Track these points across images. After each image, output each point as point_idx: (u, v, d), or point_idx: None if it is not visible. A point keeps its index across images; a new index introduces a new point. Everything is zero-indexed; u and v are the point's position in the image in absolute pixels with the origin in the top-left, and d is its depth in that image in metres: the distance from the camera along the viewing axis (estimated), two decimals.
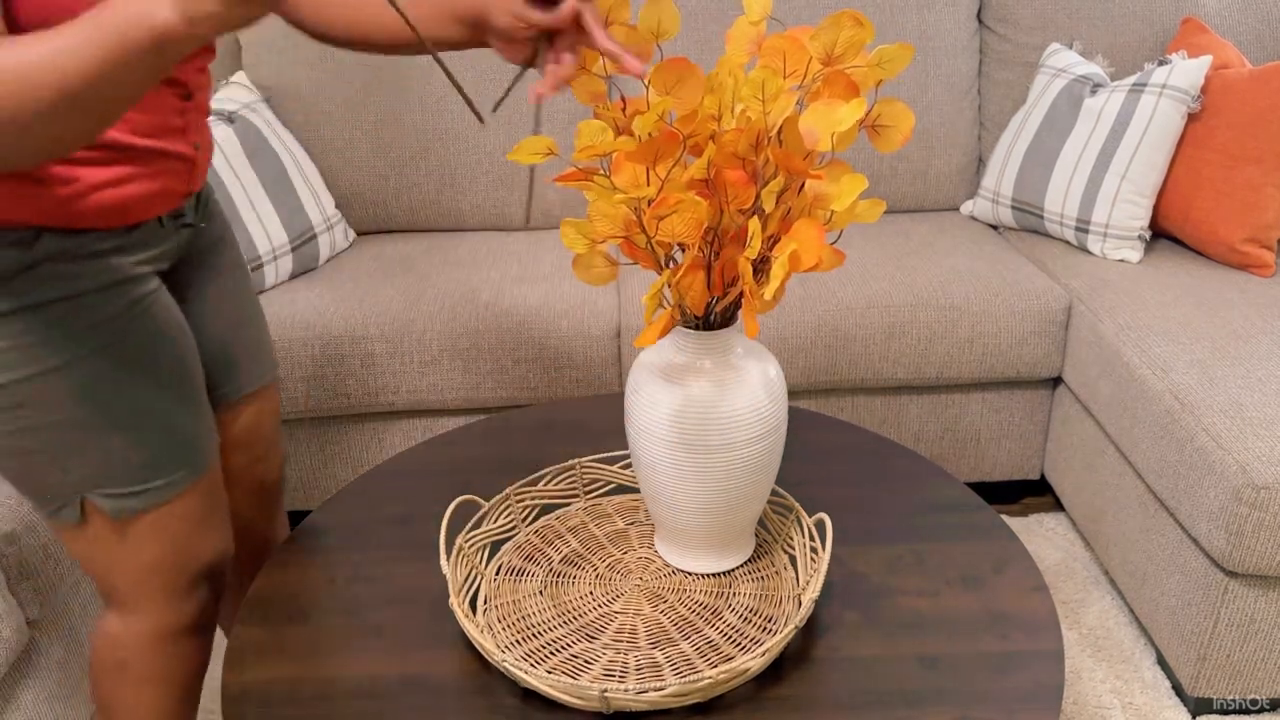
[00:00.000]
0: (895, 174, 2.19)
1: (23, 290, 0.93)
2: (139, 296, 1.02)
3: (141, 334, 1.01)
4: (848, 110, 0.85)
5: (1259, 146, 1.77)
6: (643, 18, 0.93)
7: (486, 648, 0.93)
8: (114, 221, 0.99)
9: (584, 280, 0.99)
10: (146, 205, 1.02)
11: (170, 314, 1.07)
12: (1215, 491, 1.37)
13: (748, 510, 1.05)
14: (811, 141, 0.86)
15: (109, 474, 1.01)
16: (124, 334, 0.99)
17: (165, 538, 1.07)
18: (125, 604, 1.11)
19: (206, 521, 1.11)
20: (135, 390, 1.01)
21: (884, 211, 2.23)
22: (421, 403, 1.84)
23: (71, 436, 0.98)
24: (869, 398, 1.90)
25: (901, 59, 0.87)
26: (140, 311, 1.02)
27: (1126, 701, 1.56)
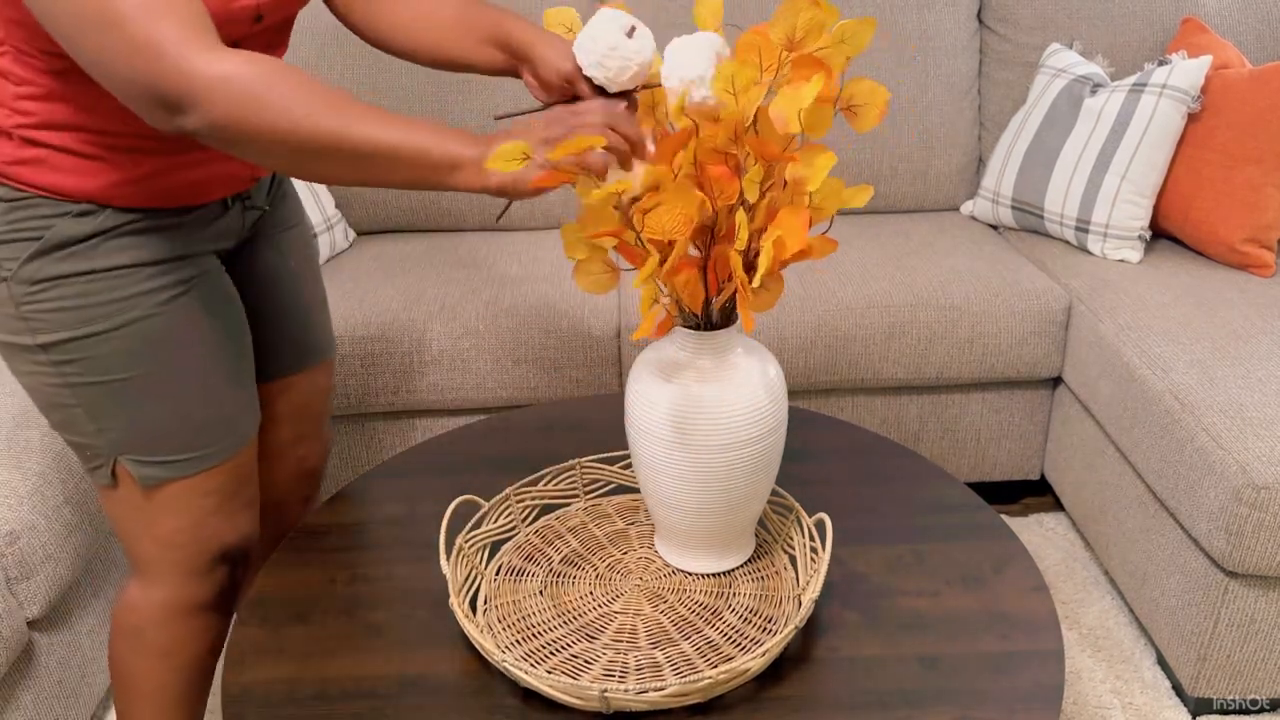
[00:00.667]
0: (895, 174, 2.19)
1: (81, 257, 1.00)
2: (192, 274, 1.07)
3: (190, 310, 1.06)
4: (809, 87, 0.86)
5: (1259, 146, 1.77)
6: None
7: (486, 648, 0.93)
8: (175, 202, 1.04)
9: (586, 288, 0.99)
10: (209, 189, 1.07)
11: (223, 295, 1.11)
12: (1215, 491, 1.37)
13: (748, 510, 1.05)
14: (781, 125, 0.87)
15: (141, 440, 1.06)
16: (172, 308, 1.05)
17: (187, 512, 1.11)
18: (146, 573, 1.15)
19: (232, 503, 1.14)
20: (177, 363, 1.06)
21: (884, 212, 2.24)
22: (421, 403, 1.84)
23: (110, 399, 1.04)
24: (869, 398, 1.90)
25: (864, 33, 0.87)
26: (192, 288, 1.07)
27: (1126, 701, 1.56)
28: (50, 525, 1.37)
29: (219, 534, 1.14)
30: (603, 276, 0.99)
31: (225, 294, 1.12)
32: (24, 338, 1.01)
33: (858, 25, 0.87)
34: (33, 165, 0.97)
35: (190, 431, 1.08)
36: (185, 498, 1.10)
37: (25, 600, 1.33)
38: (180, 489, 1.10)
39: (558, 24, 1.01)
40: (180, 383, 1.06)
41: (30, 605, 1.34)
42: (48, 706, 1.39)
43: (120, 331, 1.02)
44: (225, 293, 1.12)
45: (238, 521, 1.16)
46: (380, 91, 2.11)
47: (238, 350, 1.13)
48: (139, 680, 1.20)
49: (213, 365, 1.09)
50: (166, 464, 1.08)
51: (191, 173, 1.05)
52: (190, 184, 1.05)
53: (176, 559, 1.13)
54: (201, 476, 1.10)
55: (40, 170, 0.98)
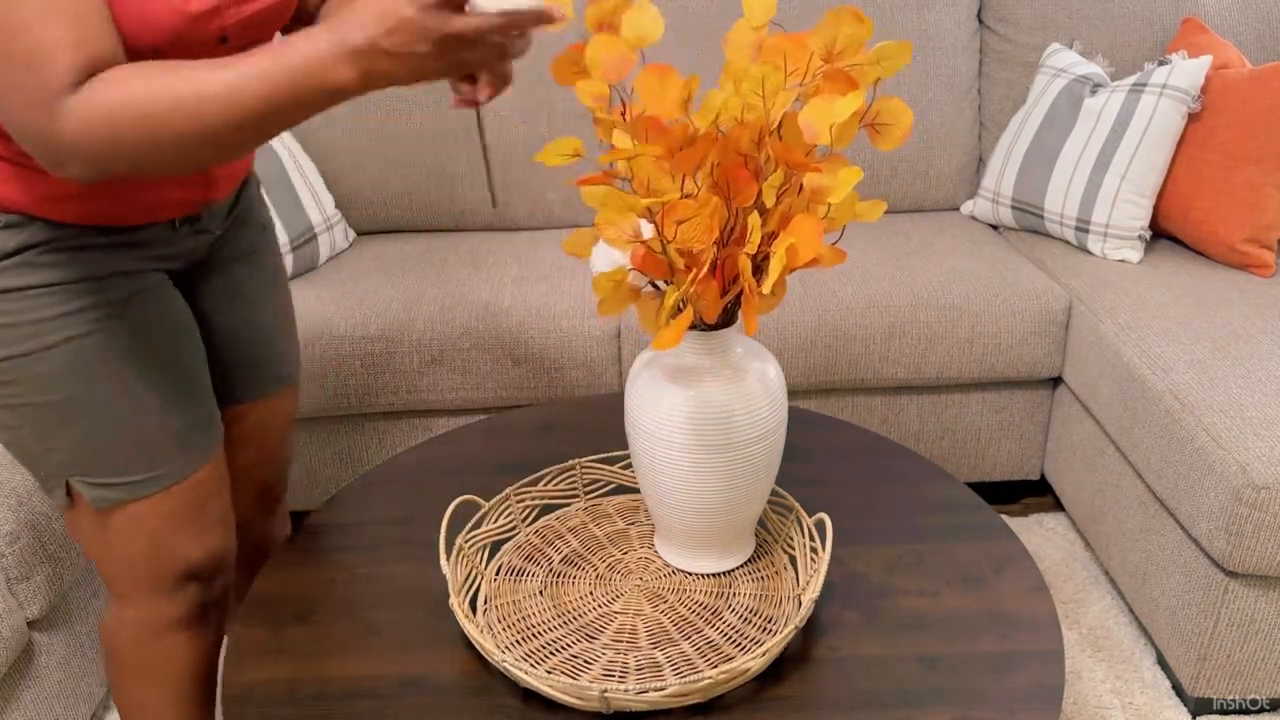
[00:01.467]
0: (895, 174, 2.19)
1: (10, 273, 0.95)
2: (135, 290, 1.02)
3: (130, 326, 1.01)
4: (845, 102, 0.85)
5: (1259, 146, 1.77)
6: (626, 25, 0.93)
7: (486, 648, 0.93)
8: (113, 221, 0.99)
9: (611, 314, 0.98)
10: (153, 211, 1.02)
11: (170, 311, 1.06)
12: (1215, 491, 1.37)
13: (748, 510, 1.05)
14: (811, 135, 0.86)
15: (90, 461, 1.02)
16: (110, 324, 0.99)
17: (144, 533, 1.07)
18: (116, 592, 1.12)
19: (194, 522, 1.09)
20: (118, 381, 1.01)
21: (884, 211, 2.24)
22: (421, 403, 1.84)
23: (55, 418, 1.00)
24: (869, 398, 1.90)
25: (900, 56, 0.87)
26: (136, 305, 1.02)
27: (1126, 701, 1.56)
28: (50, 525, 1.37)
29: (183, 553, 1.10)
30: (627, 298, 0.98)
31: (170, 309, 1.06)
32: None
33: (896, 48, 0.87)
34: None
35: (139, 451, 1.03)
36: (141, 519, 1.06)
37: (25, 600, 1.34)
38: (136, 511, 1.05)
39: None
40: (124, 401, 1.01)
41: (30, 605, 1.34)
42: (48, 706, 1.39)
43: (56, 350, 0.97)
44: (170, 308, 1.06)
45: (205, 540, 1.11)
46: (374, 101, 2.11)
47: (187, 367, 1.07)
48: (129, 698, 1.18)
49: (158, 383, 1.04)
50: (118, 485, 1.03)
51: (135, 196, 0.99)
52: (131, 205, 1.00)
53: (140, 579, 1.10)
54: (157, 497, 1.05)
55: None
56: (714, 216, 0.88)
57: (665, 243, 0.90)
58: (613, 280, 0.91)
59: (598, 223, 0.91)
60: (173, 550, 1.09)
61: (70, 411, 1.00)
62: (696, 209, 0.86)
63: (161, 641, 1.14)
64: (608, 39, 0.93)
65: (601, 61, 0.93)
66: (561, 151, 0.85)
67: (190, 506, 1.09)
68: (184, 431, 1.07)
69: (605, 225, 0.91)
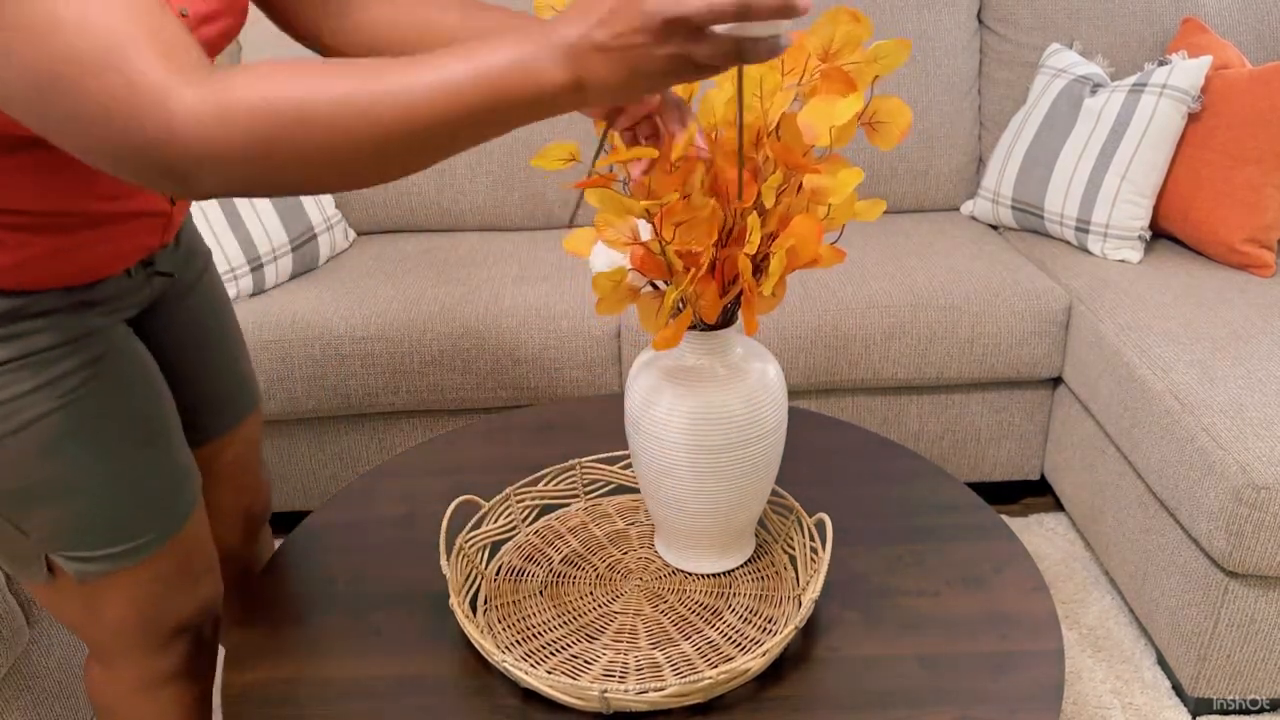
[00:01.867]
0: (895, 174, 2.19)
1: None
2: (101, 352, 0.93)
3: (105, 391, 0.93)
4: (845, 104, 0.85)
5: (1259, 146, 1.77)
6: None
7: (486, 648, 0.93)
8: (76, 280, 0.91)
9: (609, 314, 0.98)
10: (112, 263, 0.94)
11: (137, 365, 0.98)
12: (1215, 491, 1.37)
13: (748, 510, 1.05)
14: (810, 136, 0.86)
15: (72, 537, 0.94)
16: (85, 393, 0.91)
17: (135, 599, 1.00)
18: (103, 657, 1.06)
19: (184, 577, 1.04)
20: (99, 450, 0.93)
21: (884, 211, 2.24)
22: (421, 403, 1.84)
23: (26, 503, 0.91)
24: (869, 398, 1.90)
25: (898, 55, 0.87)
26: (103, 368, 0.93)
27: (1126, 701, 1.56)
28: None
29: (174, 610, 1.04)
30: (626, 297, 0.97)
31: (139, 361, 0.98)
32: None
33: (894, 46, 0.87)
34: None
35: (123, 521, 0.96)
36: (129, 587, 0.99)
37: (25, 600, 1.33)
38: (122, 579, 0.98)
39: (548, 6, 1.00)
40: (105, 471, 0.93)
41: (30, 605, 1.34)
42: (48, 706, 1.39)
43: (23, 434, 0.88)
44: (139, 360, 0.98)
45: (195, 591, 1.06)
46: None
47: (164, 419, 1.00)
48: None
49: (138, 443, 0.96)
50: (105, 558, 0.96)
51: (99, 248, 0.91)
52: (94, 260, 0.91)
53: (132, 642, 1.03)
54: (144, 563, 0.98)
55: None
56: (712, 219, 0.88)
57: (663, 245, 0.90)
58: (612, 280, 0.91)
59: (596, 224, 0.91)
60: (164, 610, 1.03)
61: (46, 493, 0.91)
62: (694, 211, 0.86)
63: (159, 694, 1.09)
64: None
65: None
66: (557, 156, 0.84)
67: (179, 563, 1.02)
68: (169, 490, 1.00)
69: (604, 226, 0.91)
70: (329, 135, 0.65)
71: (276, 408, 1.83)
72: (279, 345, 1.79)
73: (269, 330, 1.79)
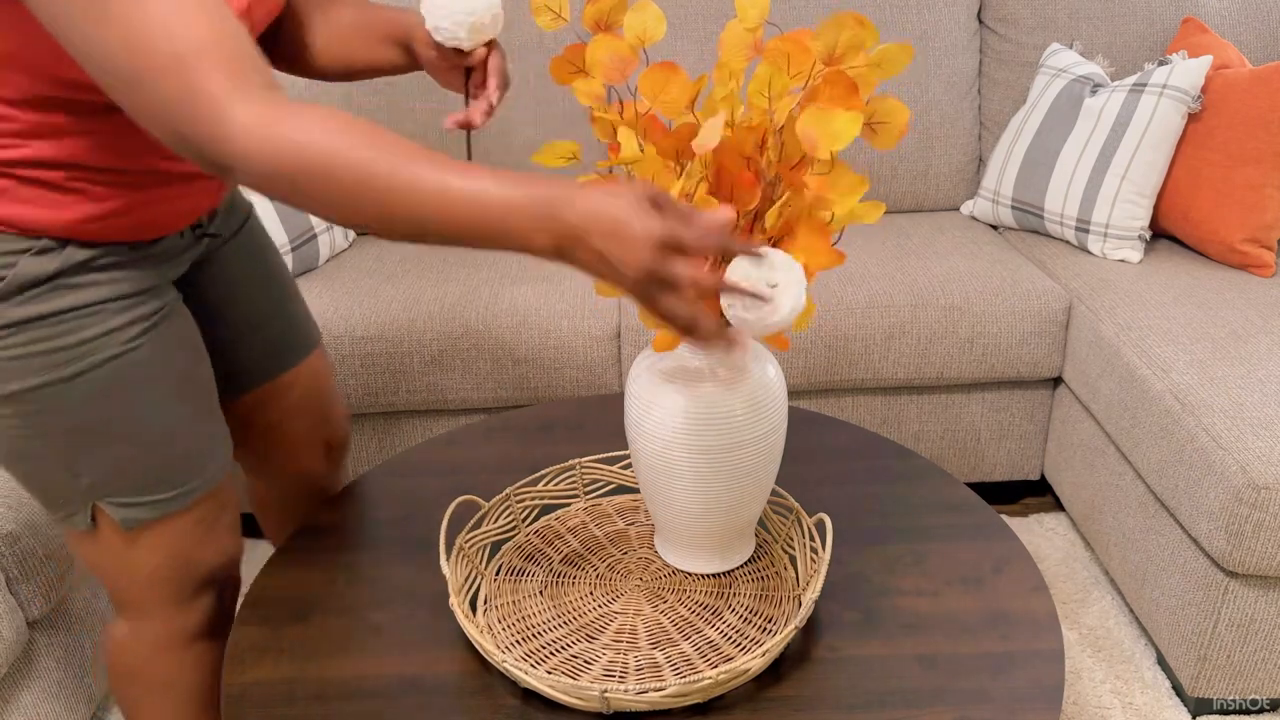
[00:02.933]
0: (895, 174, 2.19)
1: (44, 299, 0.93)
2: (158, 308, 1.02)
3: (158, 345, 1.01)
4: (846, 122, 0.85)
5: (1259, 146, 1.77)
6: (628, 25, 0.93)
7: (486, 648, 0.93)
8: (141, 236, 1.00)
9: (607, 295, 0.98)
10: (176, 221, 1.04)
11: (185, 327, 1.06)
12: (1215, 491, 1.37)
13: (748, 510, 1.05)
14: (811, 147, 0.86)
15: (119, 482, 1.01)
16: (143, 344, 1.00)
17: (172, 546, 1.07)
18: (133, 610, 1.11)
19: (214, 529, 1.11)
20: (150, 400, 1.01)
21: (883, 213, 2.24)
22: (421, 402, 1.84)
23: (84, 443, 0.99)
24: (869, 398, 1.90)
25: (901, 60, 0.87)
26: (159, 324, 1.02)
27: (1126, 701, 1.56)
28: (50, 525, 1.37)
29: (204, 560, 1.11)
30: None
31: (188, 326, 1.07)
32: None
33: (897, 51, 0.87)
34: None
35: (171, 468, 1.04)
36: (169, 534, 1.06)
37: (25, 600, 1.34)
38: (164, 527, 1.06)
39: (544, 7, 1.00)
40: (155, 419, 1.01)
41: (30, 605, 1.34)
42: (48, 706, 1.39)
43: (89, 375, 0.96)
44: (188, 325, 1.07)
45: (222, 544, 1.13)
46: (387, 84, 2.11)
47: (206, 380, 1.09)
48: (142, 713, 1.18)
49: (185, 399, 1.05)
50: (148, 504, 1.03)
51: (163, 206, 1.00)
52: (160, 216, 1.01)
53: (162, 594, 1.10)
54: (183, 512, 1.06)
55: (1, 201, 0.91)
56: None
57: None
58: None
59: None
60: (194, 560, 1.10)
61: (105, 434, 0.99)
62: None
63: (183, 654, 1.14)
64: (608, 39, 0.92)
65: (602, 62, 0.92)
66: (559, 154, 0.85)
67: (212, 515, 1.10)
68: (209, 445, 1.08)
69: None
70: (342, 194, 0.76)
71: None
72: None
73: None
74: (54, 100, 0.88)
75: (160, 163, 0.97)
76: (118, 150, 0.93)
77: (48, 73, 0.85)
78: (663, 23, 0.92)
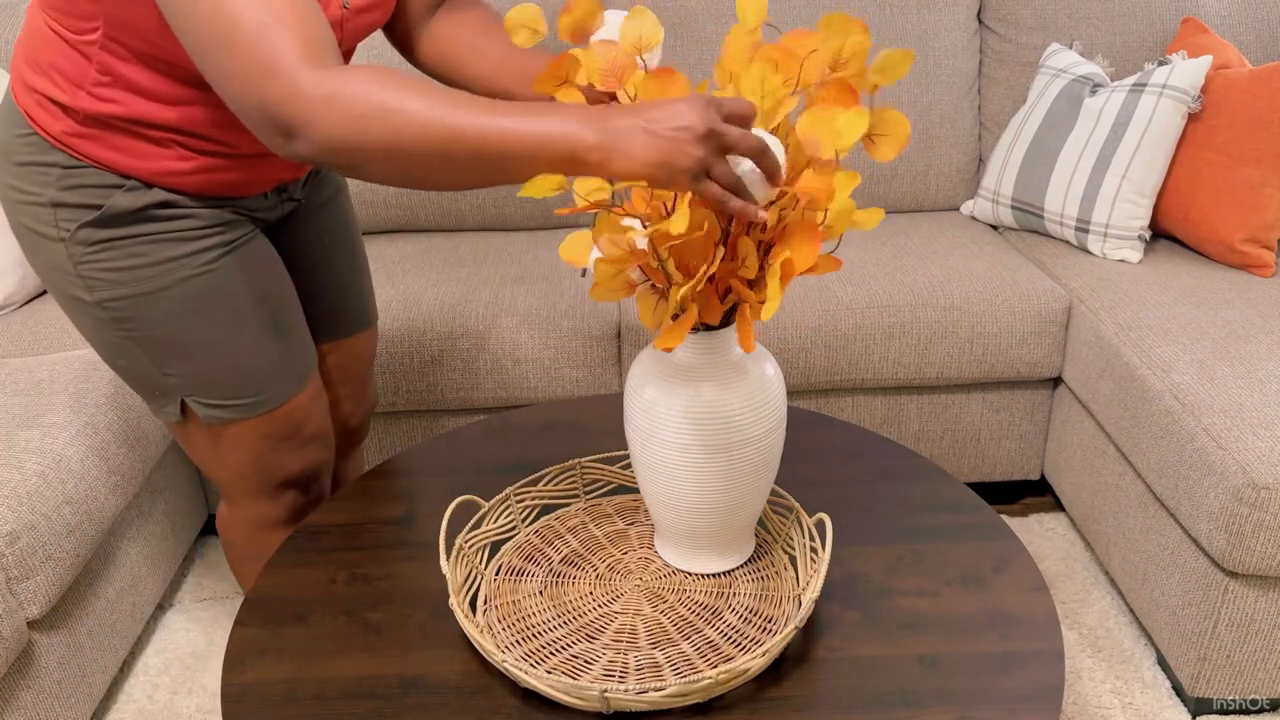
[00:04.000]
0: (895, 174, 2.19)
1: (132, 224, 1.08)
2: (238, 238, 1.15)
3: (235, 268, 1.14)
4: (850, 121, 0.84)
5: (1259, 146, 1.77)
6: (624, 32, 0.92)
7: (486, 648, 0.93)
8: (220, 193, 1.12)
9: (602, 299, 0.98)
10: (254, 186, 1.15)
11: (264, 258, 1.18)
12: (1215, 491, 1.37)
13: (748, 510, 1.05)
14: (813, 149, 0.86)
15: (202, 387, 1.16)
16: (218, 266, 1.12)
17: (251, 448, 1.21)
18: (227, 495, 1.29)
19: (291, 440, 1.24)
20: (225, 318, 1.14)
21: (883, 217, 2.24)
22: (421, 402, 1.84)
23: (166, 351, 1.13)
24: (869, 398, 1.90)
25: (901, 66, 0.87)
26: (239, 251, 1.15)
27: (1126, 701, 1.56)
28: (50, 525, 1.37)
29: (282, 466, 1.24)
30: (621, 290, 0.97)
31: (268, 256, 1.19)
32: (83, 295, 1.10)
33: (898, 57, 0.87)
34: (91, 140, 1.05)
35: (244, 380, 1.17)
36: (245, 438, 1.20)
37: (25, 600, 1.34)
38: (240, 430, 1.19)
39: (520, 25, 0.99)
40: (230, 336, 1.14)
41: (30, 605, 1.34)
42: (48, 706, 1.39)
43: (170, 291, 1.10)
44: (268, 254, 1.19)
45: (302, 455, 1.26)
46: None
47: (283, 304, 1.20)
48: (243, 576, 1.37)
49: (259, 319, 1.16)
50: (225, 407, 1.17)
51: (244, 174, 1.12)
52: (240, 182, 1.13)
53: (246, 487, 1.25)
54: (257, 420, 1.19)
55: (98, 146, 1.05)
56: (708, 237, 0.88)
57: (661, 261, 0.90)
58: (614, 266, 0.91)
59: (595, 237, 0.91)
60: (273, 464, 1.24)
61: (183, 344, 1.13)
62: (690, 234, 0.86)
63: (270, 535, 1.30)
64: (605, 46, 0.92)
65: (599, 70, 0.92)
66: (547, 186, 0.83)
67: (288, 427, 1.23)
68: (282, 363, 1.20)
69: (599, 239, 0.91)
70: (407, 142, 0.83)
71: None
72: None
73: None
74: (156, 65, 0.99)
75: (244, 141, 1.09)
76: (211, 120, 1.05)
77: (151, 42, 0.96)
78: (660, 29, 0.92)
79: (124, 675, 1.68)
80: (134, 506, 1.68)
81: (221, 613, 1.81)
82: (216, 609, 1.82)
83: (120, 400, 1.61)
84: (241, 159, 1.11)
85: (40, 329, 1.80)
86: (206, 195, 1.11)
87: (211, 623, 1.79)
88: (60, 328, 1.80)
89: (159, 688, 1.65)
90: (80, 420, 1.51)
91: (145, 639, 1.76)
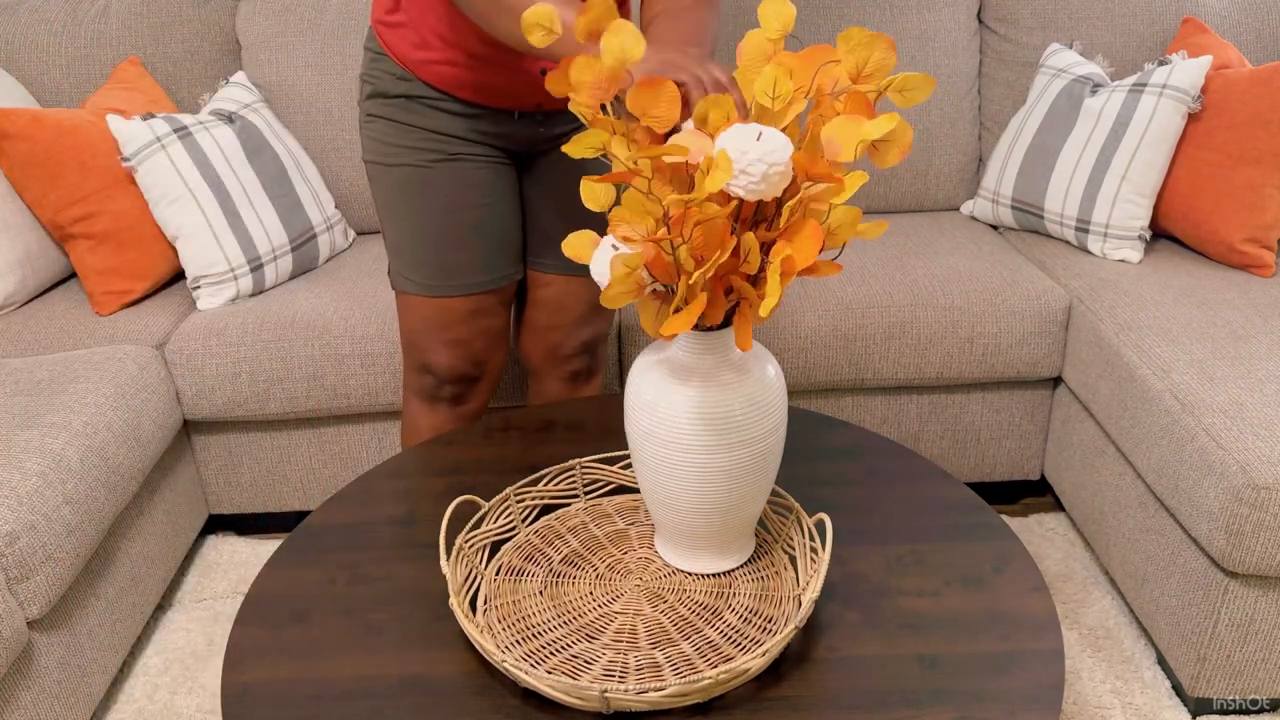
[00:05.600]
0: (895, 174, 2.19)
1: (388, 106, 1.36)
2: (459, 151, 1.37)
3: (439, 176, 1.37)
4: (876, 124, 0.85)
5: (1259, 146, 1.77)
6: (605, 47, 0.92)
7: (486, 648, 0.93)
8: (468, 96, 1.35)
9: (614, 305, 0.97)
10: (500, 99, 1.36)
11: (476, 181, 1.39)
12: (1215, 491, 1.37)
13: (748, 510, 1.05)
14: (833, 152, 0.86)
15: (393, 251, 1.44)
16: (427, 167, 1.37)
17: (415, 320, 1.45)
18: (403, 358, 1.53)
19: (435, 334, 1.45)
20: (416, 209, 1.38)
21: (884, 212, 2.24)
22: None
23: (383, 211, 1.43)
24: (869, 398, 1.90)
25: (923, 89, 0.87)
26: (447, 160, 1.37)
27: (1126, 701, 1.56)
28: (50, 525, 1.37)
29: (426, 350, 1.46)
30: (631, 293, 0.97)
31: (484, 180, 1.39)
32: (362, 152, 1.43)
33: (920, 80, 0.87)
34: (388, 27, 1.34)
35: (418, 264, 1.41)
36: (409, 308, 1.45)
37: (25, 600, 1.34)
38: (405, 301, 1.45)
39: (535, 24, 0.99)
40: (416, 224, 1.38)
41: (30, 605, 1.34)
42: (48, 706, 1.39)
43: (394, 170, 1.38)
44: (484, 180, 1.39)
45: (442, 353, 1.46)
46: None
47: (469, 224, 1.39)
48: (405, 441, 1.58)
49: (441, 225, 1.38)
50: (406, 278, 1.43)
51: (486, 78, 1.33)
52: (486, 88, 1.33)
53: (407, 357, 1.50)
54: (418, 299, 1.43)
55: (390, 32, 1.34)
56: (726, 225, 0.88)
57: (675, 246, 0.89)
58: (628, 265, 0.91)
59: (611, 219, 0.91)
60: (420, 344, 1.47)
61: (394, 215, 1.41)
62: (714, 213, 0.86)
63: (421, 406, 1.53)
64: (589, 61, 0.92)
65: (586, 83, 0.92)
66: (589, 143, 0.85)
67: (434, 321, 1.44)
68: (441, 267, 1.41)
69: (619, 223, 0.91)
70: None
71: (276, 407, 1.83)
72: (279, 345, 1.79)
73: (269, 330, 1.80)
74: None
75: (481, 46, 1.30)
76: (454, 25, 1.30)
77: None
78: (641, 42, 0.92)
79: (124, 675, 1.68)
80: (134, 506, 1.68)
81: (221, 613, 1.81)
82: (216, 609, 1.82)
83: (120, 400, 1.61)
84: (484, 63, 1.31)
85: (40, 329, 1.80)
86: (458, 98, 1.34)
87: (211, 623, 1.79)
88: (60, 327, 1.80)
89: (159, 688, 1.65)
90: (80, 420, 1.51)
91: (145, 639, 1.76)
